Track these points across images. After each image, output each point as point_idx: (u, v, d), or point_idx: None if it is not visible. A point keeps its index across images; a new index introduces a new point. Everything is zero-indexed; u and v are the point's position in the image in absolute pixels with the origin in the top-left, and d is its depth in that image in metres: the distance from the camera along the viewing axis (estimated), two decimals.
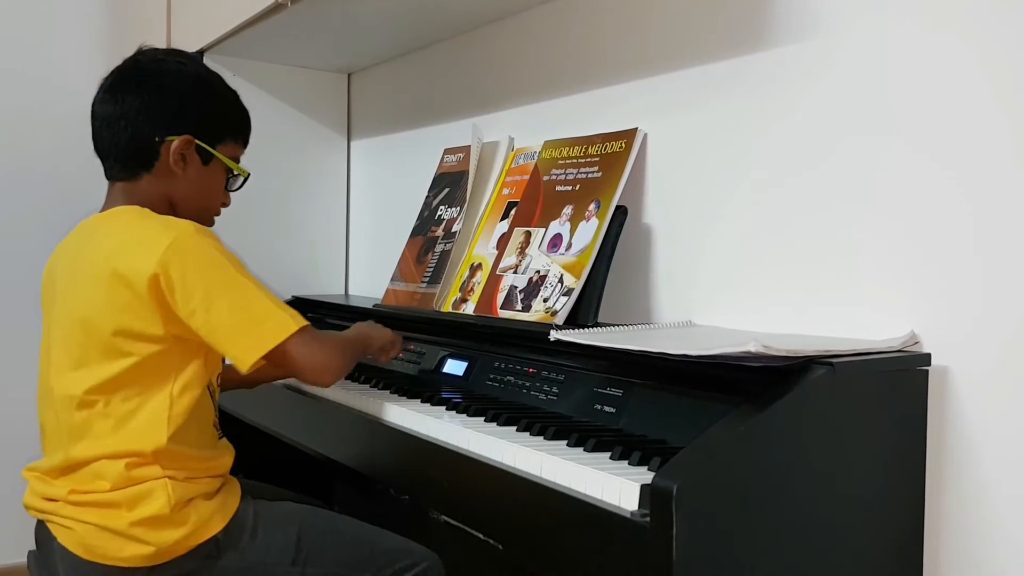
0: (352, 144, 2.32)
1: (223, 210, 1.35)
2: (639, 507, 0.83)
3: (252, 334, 1.12)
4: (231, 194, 1.34)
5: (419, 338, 1.59)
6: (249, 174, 1.33)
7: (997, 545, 0.98)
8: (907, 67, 1.07)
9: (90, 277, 1.14)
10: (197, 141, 1.24)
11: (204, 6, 2.01)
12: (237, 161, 1.32)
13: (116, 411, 1.12)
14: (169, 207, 1.24)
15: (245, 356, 1.12)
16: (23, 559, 1.22)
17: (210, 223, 1.33)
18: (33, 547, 1.19)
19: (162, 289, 1.10)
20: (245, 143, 1.35)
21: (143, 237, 1.14)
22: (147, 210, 1.20)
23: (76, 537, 1.11)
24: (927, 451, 1.03)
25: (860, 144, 1.11)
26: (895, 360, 1.00)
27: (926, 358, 1.02)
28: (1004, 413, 0.98)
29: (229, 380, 1.47)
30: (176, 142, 1.22)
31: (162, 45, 2.14)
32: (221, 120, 1.29)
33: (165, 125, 1.22)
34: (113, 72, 1.26)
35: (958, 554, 1.01)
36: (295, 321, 1.14)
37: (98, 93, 1.25)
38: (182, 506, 1.12)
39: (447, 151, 1.79)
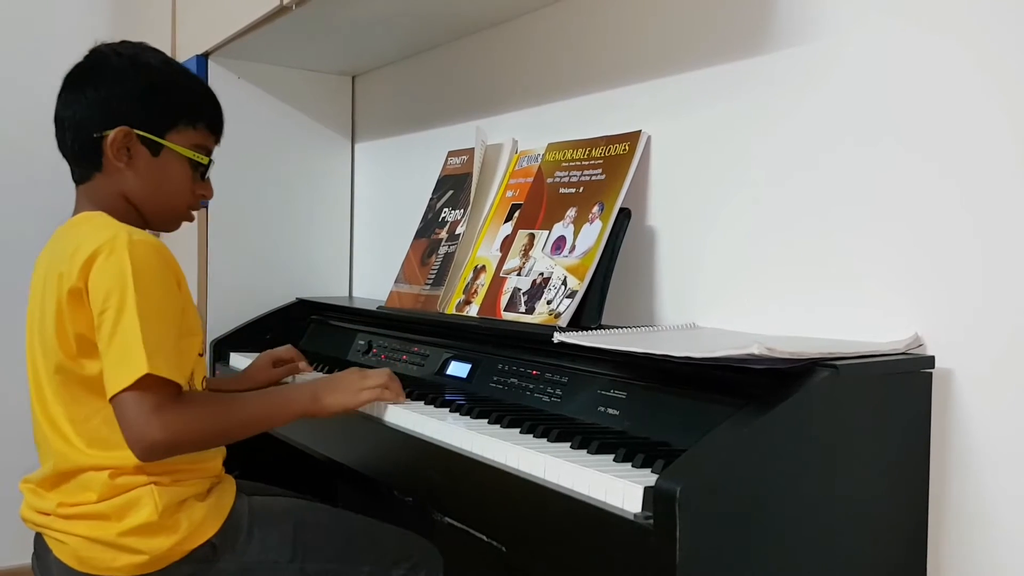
0: (356, 146, 2.33)
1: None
2: (642, 509, 0.83)
3: (113, 370, 1.05)
4: (211, 185, 1.27)
5: (423, 340, 1.59)
6: (210, 160, 1.25)
7: (1001, 547, 0.98)
8: (908, 70, 1.07)
9: (51, 286, 1.12)
10: (137, 132, 1.18)
11: (208, 9, 2.01)
12: (204, 150, 1.24)
13: (94, 422, 1.11)
14: (128, 206, 1.20)
15: (107, 390, 1.06)
16: (26, 560, 1.22)
17: (187, 218, 1.28)
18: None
19: (83, 298, 1.08)
20: (210, 128, 1.25)
21: (78, 246, 1.10)
22: (103, 215, 1.16)
23: (69, 550, 1.10)
24: (931, 453, 1.03)
25: (862, 146, 1.11)
26: (899, 362, 1.00)
27: (930, 360, 1.02)
28: (1008, 415, 0.97)
29: (224, 387, 1.47)
30: (111, 135, 1.16)
31: (167, 48, 2.16)
32: (166, 106, 1.21)
33: (101, 120, 1.17)
34: (67, 73, 1.23)
35: (962, 556, 1.01)
36: (147, 368, 1.03)
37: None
38: (172, 511, 1.11)
39: (451, 153, 1.80)
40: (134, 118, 1.18)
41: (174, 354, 1.08)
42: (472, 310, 1.47)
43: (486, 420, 1.17)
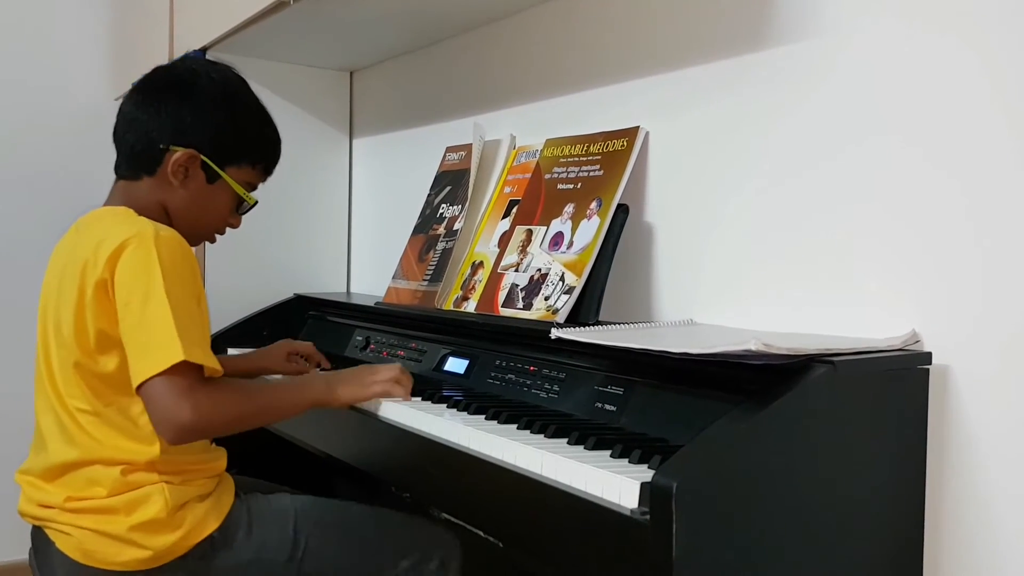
0: (354, 142, 2.33)
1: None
2: (639, 505, 0.83)
3: (141, 357, 1.06)
4: (241, 217, 1.30)
5: (420, 336, 1.59)
6: (256, 202, 1.29)
7: (997, 544, 0.98)
8: (908, 68, 1.06)
9: (72, 278, 1.12)
10: (204, 158, 1.21)
11: (207, 3, 2.01)
12: (251, 187, 1.28)
13: (110, 416, 1.11)
14: (163, 215, 1.22)
15: (135, 378, 1.07)
16: (22, 556, 1.22)
17: (210, 240, 1.31)
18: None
19: (108, 291, 1.09)
20: (266, 171, 1.30)
21: (103, 238, 1.10)
22: (131, 212, 1.17)
23: (74, 543, 1.10)
24: (928, 450, 1.03)
25: (862, 143, 1.11)
26: (896, 359, 1.00)
27: (927, 357, 1.02)
28: (1005, 412, 0.97)
29: (230, 366, 1.46)
30: (179, 154, 1.19)
31: (165, 43, 2.15)
32: (238, 143, 1.24)
33: (174, 135, 1.19)
34: (148, 73, 1.25)
35: (958, 553, 1.01)
36: (184, 355, 1.04)
37: (130, 89, 1.24)
38: (178, 509, 1.12)
39: (449, 149, 1.79)
40: (206, 146, 1.21)
41: (203, 339, 1.10)
42: (470, 306, 1.47)
43: (483, 416, 1.17)
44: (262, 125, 1.29)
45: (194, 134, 1.20)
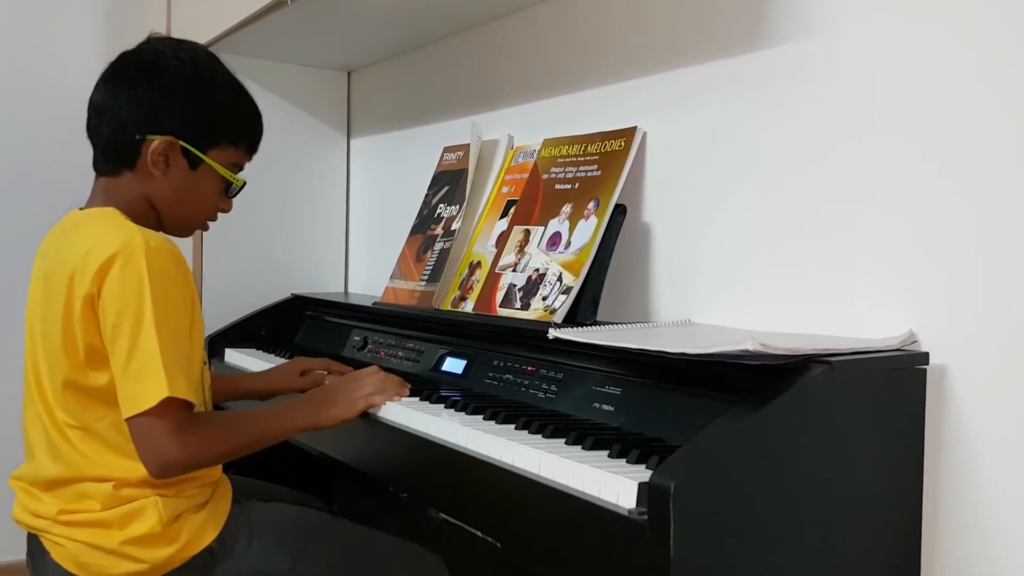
0: (352, 142, 2.32)
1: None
2: (636, 505, 0.83)
3: (131, 390, 1.03)
4: (232, 202, 1.25)
5: (418, 336, 1.59)
6: (244, 183, 1.24)
7: (995, 544, 0.98)
8: (906, 66, 1.07)
9: (59, 287, 1.07)
10: (183, 144, 1.15)
11: (204, 3, 2.01)
12: (237, 168, 1.23)
13: (101, 431, 1.09)
14: (149, 209, 1.17)
15: (123, 409, 1.04)
16: (19, 556, 1.22)
17: (203, 228, 1.27)
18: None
19: (95, 306, 1.05)
20: (250, 150, 1.24)
21: (91, 247, 1.05)
22: (118, 215, 1.12)
23: (68, 554, 1.09)
24: (925, 450, 1.03)
25: (859, 143, 1.11)
26: (893, 359, 1.00)
27: (924, 357, 1.02)
28: (1002, 412, 0.98)
29: (238, 391, 1.44)
30: (157, 142, 1.13)
31: None
32: (217, 124, 1.18)
33: (149, 123, 1.13)
34: (114, 61, 1.19)
35: (956, 552, 1.01)
36: (168, 391, 1.01)
37: (98, 80, 1.19)
38: (173, 521, 1.10)
39: (446, 149, 1.79)
40: (183, 130, 1.15)
41: (191, 371, 1.06)
42: (467, 306, 1.47)
43: (481, 416, 1.17)
44: (239, 101, 1.22)
45: (169, 119, 1.14)
